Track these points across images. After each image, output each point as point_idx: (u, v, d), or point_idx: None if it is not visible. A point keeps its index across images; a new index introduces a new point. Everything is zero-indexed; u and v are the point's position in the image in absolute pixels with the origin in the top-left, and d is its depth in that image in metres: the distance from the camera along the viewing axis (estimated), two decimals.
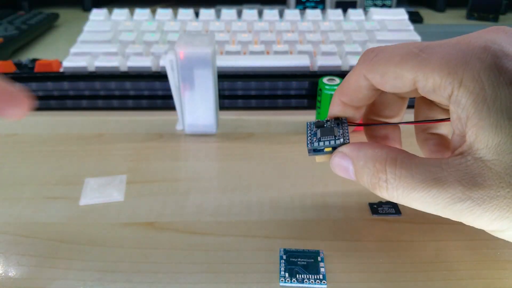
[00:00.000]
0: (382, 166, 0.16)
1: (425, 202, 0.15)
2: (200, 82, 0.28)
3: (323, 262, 0.20)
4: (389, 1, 0.54)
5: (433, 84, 0.15)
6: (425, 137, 0.22)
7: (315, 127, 0.20)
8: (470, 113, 0.14)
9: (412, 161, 0.16)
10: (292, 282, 0.19)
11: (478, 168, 0.14)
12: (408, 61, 0.16)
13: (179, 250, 0.21)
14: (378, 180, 0.16)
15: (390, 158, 0.16)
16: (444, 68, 0.15)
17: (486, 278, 0.20)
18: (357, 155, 0.17)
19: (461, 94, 0.15)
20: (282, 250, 0.21)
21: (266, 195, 0.25)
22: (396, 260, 0.21)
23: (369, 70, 0.17)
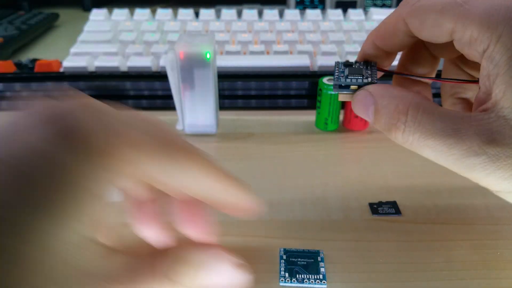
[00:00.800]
0: (405, 107, 0.16)
1: (439, 151, 0.15)
2: (200, 82, 0.28)
3: (323, 262, 0.20)
4: (389, 1, 0.54)
5: (470, 36, 0.15)
6: (453, 101, 0.21)
7: (344, 66, 0.20)
8: (502, 71, 0.14)
9: (435, 109, 0.16)
10: (292, 282, 0.19)
11: (500, 126, 0.14)
12: (450, 10, 0.16)
13: None
14: (397, 121, 0.16)
15: (415, 102, 0.16)
16: (484, 21, 0.15)
17: (487, 278, 0.20)
18: (382, 94, 0.17)
19: (496, 50, 0.14)
20: (282, 250, 0.21)
21: (266, 195, 0.25)
22: (396, 260, 0.21)
23: (410, 14, 0.17)
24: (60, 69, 0.37)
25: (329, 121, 0.31)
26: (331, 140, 0.31)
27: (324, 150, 0.29)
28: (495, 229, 0.22)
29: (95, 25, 0.43)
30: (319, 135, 0.31)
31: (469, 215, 0.23)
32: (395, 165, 0.28)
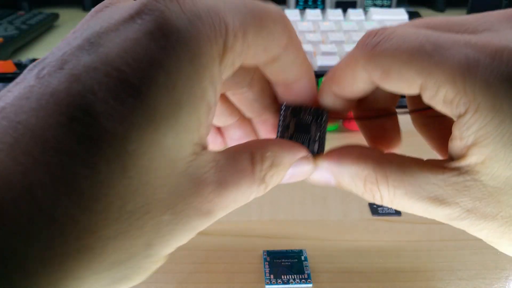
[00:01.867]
0: (373, 185, 0.15)
1: (423, 214, 0.15)
2: None
3: (307, 261, 0.20)
4: (389, 1, 0.54)
5: (444, 97, 0.13)
6: (423, 122, 0.20)
7: (291, 115, 0.17)
8: (480, 141, 0.13)
9: (405, 174, 0.15)
10: (278, 284, 0.19)
11: (479, 191, 0.14)
12: (419, 62, 0.13)
13: (178, 250, 0.21)
14: (372, 195, 0.15)
15: (380, 176, 0.15)
16: (460, 82, 0.13)
17: (486, 278, 0.20)
18: (339, 171, 0.16)
19: (474, 120, 0.13)
20: (266, 252, 0.21)
21: (266, 195, 0.25)
22: (395, 260, 0.21)
23: (369, 62, 0.14)
24: None
25: None
26: (331, 140, 0.30)
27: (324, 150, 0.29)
28: None
29: None
30: None
31: None
32: None
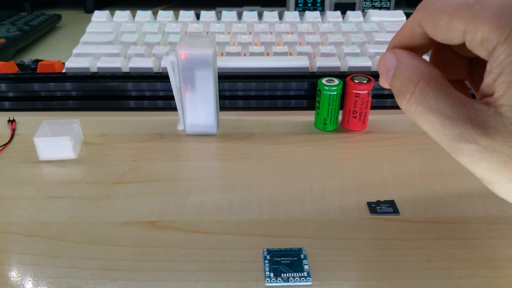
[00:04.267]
0: (417, 78, 0.17)
1: (435, 128, 0.16)
2: (201, 83, 0.28)
3: (306, 260, 0.20)
4: (387, 3, 0.54)
5: (481, 36, 0.16)
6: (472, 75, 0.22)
7: None
8: (505, 71, 0.15)
9: (445, 88, 0.16)
10: (278, 282, 0.19)
11: (495, 121, 0.15)
12: (462, 12, 0.16)
13: (180, 248, 0.21)
14: (406, 89, 0.17)
15: (428, 76, 0.17)
16: (494, 21, 0.15)
17: (484, 277, 0.20)
18: (404, 60, 0.18)
19: (502, 50, 0.15)
20: (266, 250, 0.21)
21: (266, 194, 0.25)
22: (394, 258, 0.21)
23: (424, 18, 0.18)
24: (63, 70, 0.37)
25: (328, 122, 0.31)
26: (330, 140, 0.31)
27: (323, 150, 0.30)
28: (492, 228, 0.23)
29: (97, 26, 0.43)
30: (318, 135, 0.31)
31: (467, 214, 0.24)
32: (393, 165, 0.28)
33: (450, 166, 0.27)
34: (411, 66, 0.18)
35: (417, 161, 0.28)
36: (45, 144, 0.28)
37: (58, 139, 0.28)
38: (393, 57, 0.19)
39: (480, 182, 0.17)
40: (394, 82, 0.18)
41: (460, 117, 0.16)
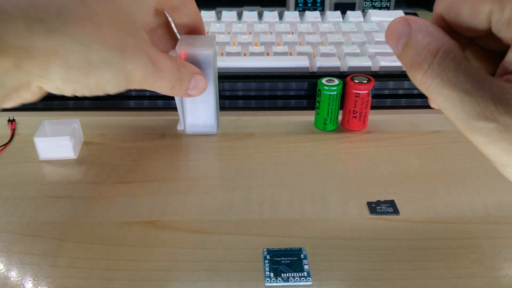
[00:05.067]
0: (436, 48, 0.15)
1: (452, 103, 0.15)
2: None
3: (306, 260, 0.20)
4: (387, 3, 0.54)
5: (509, 15, 0.15)
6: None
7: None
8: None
9: (463, 62, 0.15)
10: (278, 282, 0.19)
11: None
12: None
13: (180, 248, 0.21)
14: (422, 59, 0.15)
15: (447, 47, 0.15)
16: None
17: (484, 277, 0.20)
18: (419, 28, 0.16)
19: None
20: (266, 250, 0.21)
21: (266, 194, 0.25)
22: (394, 258, 0.21)
23: (446, 8, 0.17)
24: None
25: (328, 122, 0.31)
26: (330, 140, 0.31)
27: (323, 150, 0.30)
28: (492, 228, 0.23)
29: None
30: (318, 135, 0.31)
31: (467, 214, 0.24)
32: (393, 165, 0.28)
33: (450, 166, 0.27)
34: (428, 34, 0.16)
35: (417, 161, 0.28)
36: (45, 144, 0.28)
37: (58, 139, 0.28)
38: (405, 23, 0.17)
39: (480, 180, 0.17)
40: (407, 51, 0.16)
41: (480, 93, 0.14)
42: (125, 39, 0.20)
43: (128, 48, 0.20)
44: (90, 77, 0.19)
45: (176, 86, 0.24)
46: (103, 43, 0.19)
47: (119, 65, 0.20)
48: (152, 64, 0.21)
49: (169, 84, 0.23)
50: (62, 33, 0.18)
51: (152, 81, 0.22)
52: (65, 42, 0.18)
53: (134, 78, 0.21)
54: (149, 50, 0.22)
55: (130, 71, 0.20)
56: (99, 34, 0.19)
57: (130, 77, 0.21)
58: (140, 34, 0.22)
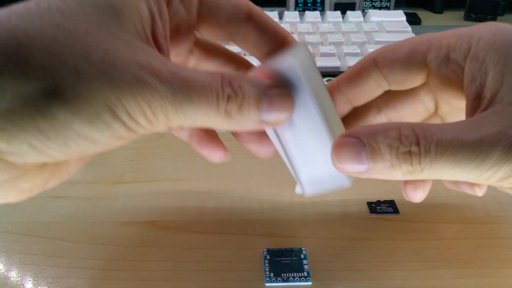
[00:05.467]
0: (409, 131, 0.14)
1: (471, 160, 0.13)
2: (299, 114, 0.16)
3: (306, 260, 0.20)
4: (387, 3, 0.54)
5: (448, 46, 0.16)
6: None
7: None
8: (493, 64, 0.14)
9: (438, 125, 0.14)
10: (278, 282, 0.19)
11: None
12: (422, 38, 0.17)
13: (180, 248, 0.21)
14: (408, 149, 0.13)
15: (415, 124, 0.14)
16: (459, 32, 0.16)
17: (484, 277, 0.20)
18: (371, 132, 0.14)
19: (480, 48, 0.15)
20: (266, 250, 0.21)
21: (266, 194, 0.25)
22: (394, 258, 0.21)
23: (379, 53, 0.17)
24: None
25: None
26: None
27: None
28: (492, 228, 0.23)
29: None
30: None
31: (467, 215, 0.24)
32: None
33: None
34: (388, 128, 0.14)
35: None
36: None
37: None
38: (353, 139, 0.15)
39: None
40: (381, 157, 0.14)
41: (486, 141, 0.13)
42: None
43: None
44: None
45: (231, 109, 0.14)
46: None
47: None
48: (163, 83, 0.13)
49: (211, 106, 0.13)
50: None
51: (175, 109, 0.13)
52: None
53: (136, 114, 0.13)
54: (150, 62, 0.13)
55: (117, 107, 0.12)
56: None
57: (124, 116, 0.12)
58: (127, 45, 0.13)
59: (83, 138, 0.12)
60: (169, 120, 0.13)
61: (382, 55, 0.17)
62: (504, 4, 0.56)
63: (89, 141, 0.13)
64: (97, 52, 0.12)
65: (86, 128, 0.12)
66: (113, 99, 0.12)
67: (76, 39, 0.12)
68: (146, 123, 0.13)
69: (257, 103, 0.14)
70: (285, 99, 0.15)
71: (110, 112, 0.12)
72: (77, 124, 0.12)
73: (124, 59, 0.12)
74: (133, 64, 0.12)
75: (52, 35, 0.12)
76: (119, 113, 0.12)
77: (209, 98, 0.13)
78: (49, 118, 0.12)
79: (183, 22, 0.17)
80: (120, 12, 0.14)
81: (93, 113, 0.12)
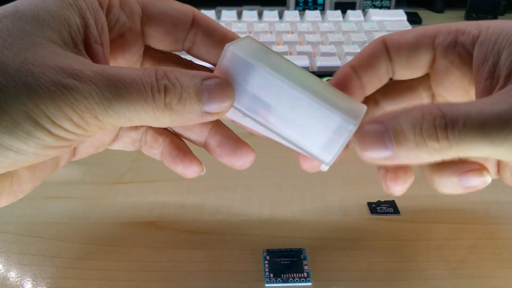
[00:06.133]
0: (433, 107, 0.13)
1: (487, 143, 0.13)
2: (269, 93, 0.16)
3: (306, 260, 0.20)
4: (388, 2, 0.54)
5: (456, 31, 0.16)
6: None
7: None
8: (506, 44, 0.15)
9: (463, 102, 0.13)
10: (277, 282, 0.19)
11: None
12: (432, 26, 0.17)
13: (179, 248, 0.21)
14: (432, 123, 0.13)
15: (439, 103, 0.14)
16: (469, 22, 0.16)
17: (485, 277, 0.20)
18: (393, 115, 0.14)
19: (491, 32, 0.15)
20: (265, 251, 0.21)
21: (266, 195, 0.25)
22: (394, 259, 0.21)
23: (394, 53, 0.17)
24: None
25: None
26: None
27: None
28: (492, 229, 0.23)
29: None
30: None
31: (467, 215, 0.24)
32: None
33: None
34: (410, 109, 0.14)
35: None
36: None
37: None
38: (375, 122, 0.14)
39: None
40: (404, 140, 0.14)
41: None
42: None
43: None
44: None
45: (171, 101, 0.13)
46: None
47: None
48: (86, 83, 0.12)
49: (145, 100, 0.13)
50: None
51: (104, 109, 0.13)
52: None
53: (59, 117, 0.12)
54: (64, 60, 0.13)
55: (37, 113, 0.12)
56: None
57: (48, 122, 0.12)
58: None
59: (7, 149, 0.12)
60: (100, 121, 0.13)
61: (391, 37, 0.17)
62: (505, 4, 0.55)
63: (15, 152, 0.12)
64: (14, 62, 0.12)
65: (7, 139, 0.12)
66: (31, 107, 0.12)
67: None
68: (75, 128, 0.13)
69: (197, 94, 0.14)
70: (225, 87, 0.15)
71: (30, 120, 0.12)
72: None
73: (42, 65, 0.12)
74: (52, 68, 0.12)
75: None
76: (41, 120, 0.12)
77: (142, 92, 0.13)
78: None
79: (127, 30, 0.17)
80: (44, 22, 0.14)
81: (12, 123, 0.12)
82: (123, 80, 0.13)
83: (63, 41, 0.14)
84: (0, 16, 0.13)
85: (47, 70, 0.12)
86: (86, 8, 0.15)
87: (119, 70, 0.13)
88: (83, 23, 0.15)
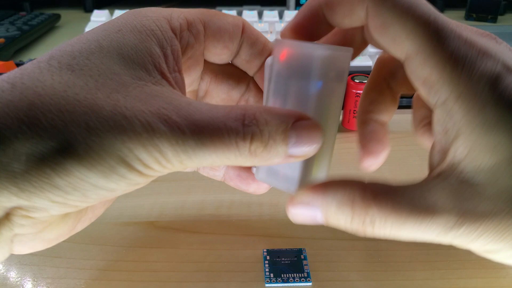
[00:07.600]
0: (362, 205, 0.14)
1: (417, 232, 0.14)
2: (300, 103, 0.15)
3: (307, 260, 0.20)
4: None
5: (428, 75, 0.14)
6: (424, 129, 0.20)
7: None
8: (463, 130, 0.13)
9: (393, 192, 0.15)
10: (278, 282, 0.19)
11: (466, 192, 0.13)
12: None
13: (179, 249, 0.21)
14: (362, 222, 0.14)
15: (369, 195, 0.15)
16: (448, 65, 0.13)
17: (484, 277, 0.20)
18: (325, 201, 0.15)
19: (457, 108, 0.13)
20: (266, 251, 0.21)
21: (266, 195, 0.25)
22: (394, 259, 0.21)
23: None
24: None
25: None
26: None
27: None
28: None
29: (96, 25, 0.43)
30: None
31: None
32: (394, 164, 0.28)
33: None
34: (341, 200, 0.15)
35: (417, 161, 0.28)
36: None
37: None
38: (305, 205, 0.16)
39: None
40: (336, 223, 0.15)
41: (433, 208, 0.13)
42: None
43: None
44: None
45: (257, 149, 0.13)
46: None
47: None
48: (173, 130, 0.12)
49: (229, 148, 0.13)
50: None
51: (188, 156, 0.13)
52: None
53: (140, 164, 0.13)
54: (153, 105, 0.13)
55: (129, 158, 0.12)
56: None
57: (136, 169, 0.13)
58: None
59: (100, 189, 0.13)
60: (183, 164, 0.13)
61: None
62: (505, 4, 0.55)
63: (106, 191, 0.13)
64: (107, 105, 0.12)
65: (102, 181, 0.12)
66: (125, 151, 0.12)
67: (86, 94, 0.12)
68: (161, 168, 0.13)
69: (285, 139, 0.14)
70: (314, 130, 0.14)
71: (124, 164, 0.12)
72: (93, 178, 0.12)
73: (134, 107, 0.13)
74: (142, 111, 0.13)
75: (63, 93, 0.12)
76: (134, 163, 0.12)
77: (226, 141, 0.13)
78: (64, 175, 0.12)
79: (193, 50, 0.17)
80: (129, 59, 0.14)
81: (107, 167, 0.12)
82: (207, 128, 0.13)
83: (149, 74, 0.14)
84: (86, 53, 0.13)
85: (138, 113, 0.12)
86: (163, 38, 0.15)
87: (204, 114, 0.13)
88: (162, 53, 0.15)
